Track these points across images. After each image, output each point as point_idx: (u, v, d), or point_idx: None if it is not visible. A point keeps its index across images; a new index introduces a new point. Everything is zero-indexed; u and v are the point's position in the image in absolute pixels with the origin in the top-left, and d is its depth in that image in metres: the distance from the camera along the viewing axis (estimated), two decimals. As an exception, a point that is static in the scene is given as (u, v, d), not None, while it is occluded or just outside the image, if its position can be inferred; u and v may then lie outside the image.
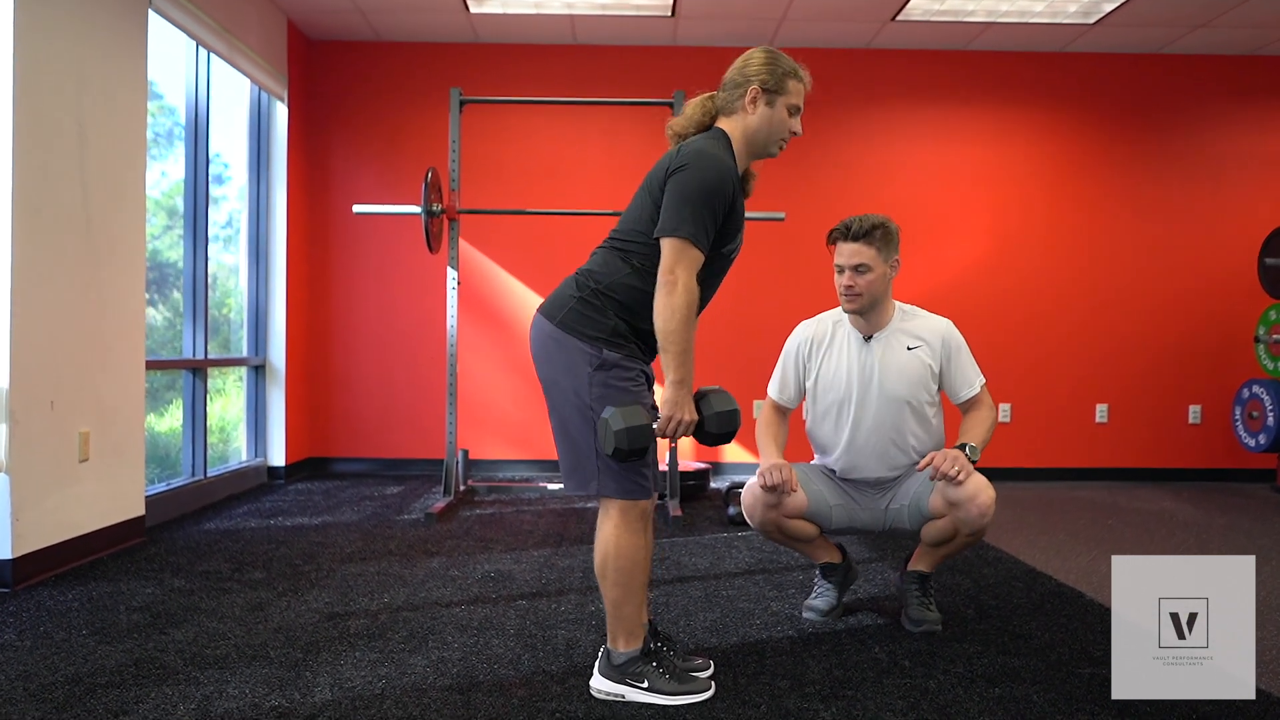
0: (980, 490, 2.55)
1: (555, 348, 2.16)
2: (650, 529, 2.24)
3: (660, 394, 2.16)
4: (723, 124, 2.26)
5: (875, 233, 2.66)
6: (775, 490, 2.67)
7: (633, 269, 2.15)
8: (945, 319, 2.80)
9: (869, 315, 2.75)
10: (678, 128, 2.29)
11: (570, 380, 2.14)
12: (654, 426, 2.09)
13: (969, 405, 2.76)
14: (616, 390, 2.11)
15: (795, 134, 2.27)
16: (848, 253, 2.67)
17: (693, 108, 2.29)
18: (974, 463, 2.58)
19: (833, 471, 2.84)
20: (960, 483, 2.52)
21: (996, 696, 2.22)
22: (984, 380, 2.77)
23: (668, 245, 2.09)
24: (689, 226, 2.07)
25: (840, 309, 2.83)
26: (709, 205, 2.09)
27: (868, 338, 2.76)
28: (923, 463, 2.57)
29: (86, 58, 3.52)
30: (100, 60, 3.61)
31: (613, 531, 2.15)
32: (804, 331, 2.88)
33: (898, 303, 2.81)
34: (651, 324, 2.13)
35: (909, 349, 2.73)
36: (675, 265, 2.08)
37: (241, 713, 2.09)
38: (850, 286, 2.67)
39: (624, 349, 2.14)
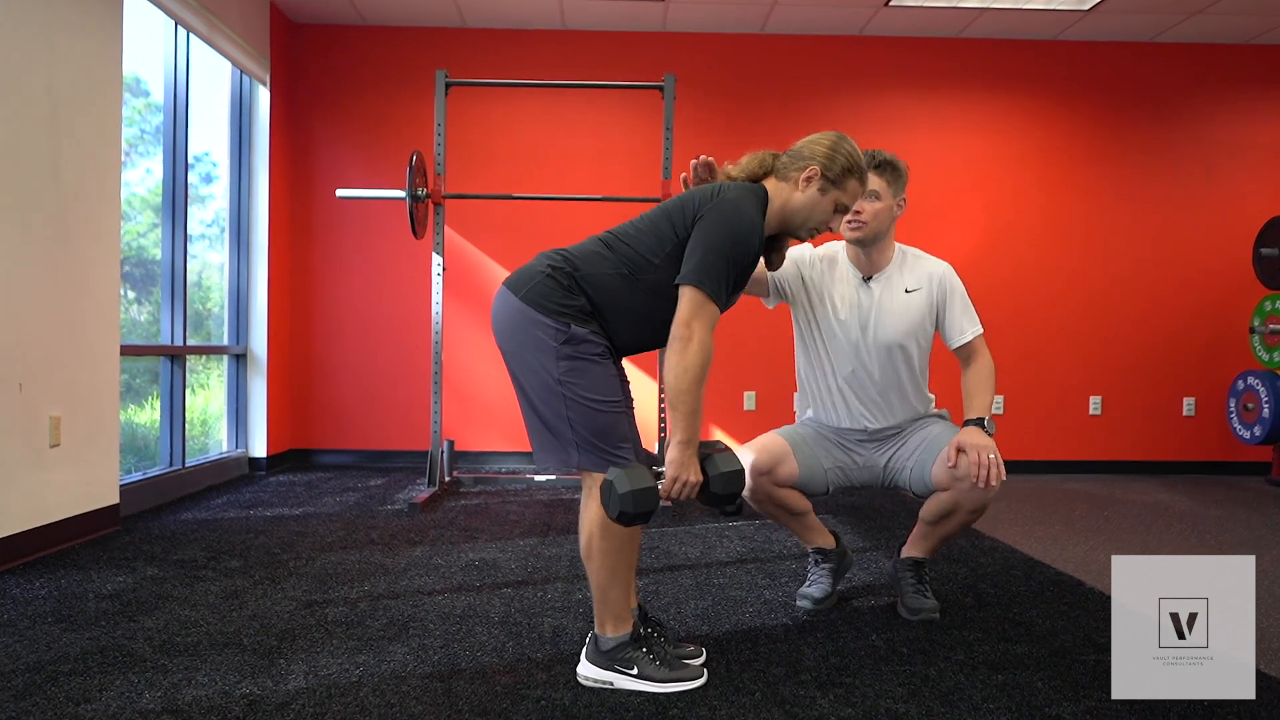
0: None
1: (521, 321, 2.05)
2: None
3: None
4: (770, 184, 2.20)
5: (886, 166, 2.63)
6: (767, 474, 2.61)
7: (623, 275, 2.07)
8: (945, 262, 2.73)
9: (870, 252, 2.66)
10: (731, 173, 2.24)
11: (536, 356, 2.03)
12: (659, 487, 2.01)
13: (965, 354, 2.68)
14: (585, 363, 2.02)
15: (832, 230, 2.23)
16: None
17: (749, 159, 2.23)
18: (990, 434, 2.50)
19: (823, 424, 2.75)
20: (992, 487, 2.44)
21: (999, 683, 2.14)
22: (981, 330, 2.67)
23: (688, 296, 2.02)
24: (712, 281, 2.01)
25: (839, 244, 2.74)
26: (734, 260, 2.04)
27: (867, 279, 2.68)
28: (953, 457, 2.48)
29: (59, 30, 3.40)
30: (73, 34, 3.48)
31: (597, 511, 2.06)
32: (813, 250, 2.76)
33: (899, 244, 2.73)
34: (619, 335, 2.09)
35: (907, 291, 2.66)
36: (693, 319, 2.01)
37: (210, 700, 1.99)
38: (859, 213, 2.60)
39: (590, 325, 2.06)
